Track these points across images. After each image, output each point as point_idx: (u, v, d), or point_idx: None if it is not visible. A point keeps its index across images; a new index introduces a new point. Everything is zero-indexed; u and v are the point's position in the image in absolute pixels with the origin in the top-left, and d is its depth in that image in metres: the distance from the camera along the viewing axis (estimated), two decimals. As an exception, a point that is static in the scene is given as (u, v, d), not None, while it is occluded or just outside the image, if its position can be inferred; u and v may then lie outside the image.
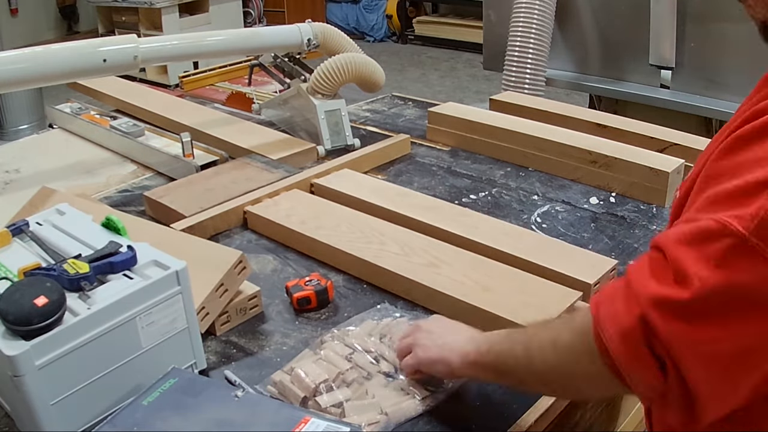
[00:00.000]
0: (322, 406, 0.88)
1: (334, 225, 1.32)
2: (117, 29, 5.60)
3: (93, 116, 1.98)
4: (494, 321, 1.04)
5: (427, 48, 6.97)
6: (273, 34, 1.80)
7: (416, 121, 2.03)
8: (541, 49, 2.60)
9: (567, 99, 2.76)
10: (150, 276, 0.87)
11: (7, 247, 0.97)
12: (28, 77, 1.45)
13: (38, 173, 1.73)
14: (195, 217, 1.36)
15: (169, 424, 0.77)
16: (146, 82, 4.66)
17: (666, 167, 1.46)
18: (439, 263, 1.18)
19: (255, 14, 6.63)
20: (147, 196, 1.47)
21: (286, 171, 1.56)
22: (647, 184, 1.48)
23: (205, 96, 3.01)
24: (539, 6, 2.57)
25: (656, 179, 1.46)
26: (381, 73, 1.82)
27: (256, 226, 1.40)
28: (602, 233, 1.37)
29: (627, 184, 1.51)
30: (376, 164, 1.69)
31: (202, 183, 1.52)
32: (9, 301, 0.76)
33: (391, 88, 2.62)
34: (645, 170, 1.48)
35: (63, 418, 0.81)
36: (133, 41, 1.54)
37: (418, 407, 0.90)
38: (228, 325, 1.09)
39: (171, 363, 0.88)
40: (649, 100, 2.49)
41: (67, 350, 0.79)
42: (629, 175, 1.50)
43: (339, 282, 1.21)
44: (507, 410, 0.92)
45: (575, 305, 1.07)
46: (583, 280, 1.12)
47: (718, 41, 2.28)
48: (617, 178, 1.53)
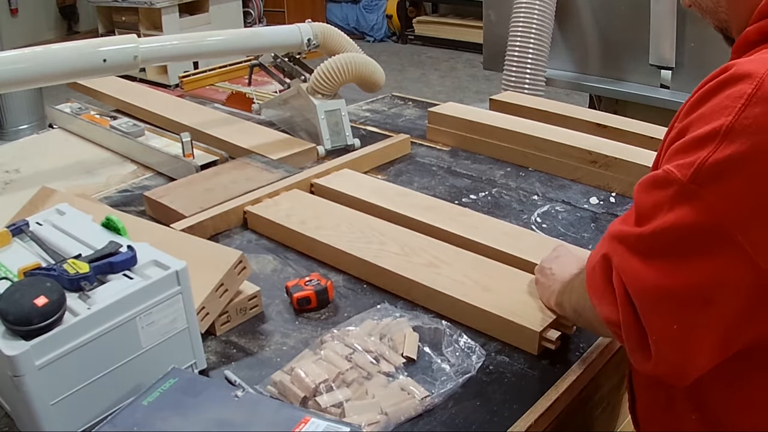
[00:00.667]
0: (322, 406, 0.88)
1: (334, 225, 1.32)
2: (117, 29, 5.60)
3: (93, 116, 1.98)
4: (494, 321, 1.04)
5: (427, 48, 6.97)
6: (273, 34, 1.80)
7: (416, 121, 2.03)
8: (541, 49, 2.60)
9: (567, 99, 2.77)
10: (150, 276, 0.87)
11: (7, 247, 0.97)
12: (28, 77, 1.45)
13: (38, 173, 1.73)
14: (195, 217, 1.36)
15: (169, 424, 0.77)
16: (146, 82, 4.67)
17: (666, 167, 1.46)
18: (439, 263, 1.18)
19: (255, 14, 6.63)
20: (147, 196, 1.48)
21: (286, 171, 1.56)
22: (647, 184, 1.48)
23: (205, 96, 3.01)
24: (539, 6, 2.57)
25: (656, 179, 1.46)
26: (381, 73, 1.82)
27: (256, 226, 1.40)
28: (602, 233, 1.36)
29: (627, 184, 1.51)
30: (376, 164, 1.70)
31: (202, 183, 1.52)
32: (9, 301, 0.76)
33: (391, 88, 2.62)
34: (645, 170, 1.44)
35: (63, 418, 0.81)
36: (133, 41, 1.54)
37: (418, 407, 0.90)
38: (228, 325, 1.09)
39: (171, 363, 0.88)
40: (649, 100, 2.49)
41: (67, 350, 0.79)
42: (629, 175, 1.50)
43: (339, 282, 1.21)
44: (507, 410, 0.92)
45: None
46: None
47: (718, 41, 2.26)
48: (617, 178, 1.53)
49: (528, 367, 1.00)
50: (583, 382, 1.01)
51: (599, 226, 1.40)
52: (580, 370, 0.99)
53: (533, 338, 1.01)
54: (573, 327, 1.04)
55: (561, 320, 1.03)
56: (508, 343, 1.04)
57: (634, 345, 0.71)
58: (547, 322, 1.02)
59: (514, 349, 1.03)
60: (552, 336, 1.00)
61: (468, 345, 1.01)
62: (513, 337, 1.03)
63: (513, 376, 0.98)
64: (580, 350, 1.03)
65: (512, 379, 0.97)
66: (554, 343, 1.00)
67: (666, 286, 0.67)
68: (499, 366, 1.00)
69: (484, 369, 0.99)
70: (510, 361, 1.01)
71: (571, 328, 1.04)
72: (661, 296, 0.68)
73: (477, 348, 1.01)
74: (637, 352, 0.71)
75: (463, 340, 1.02)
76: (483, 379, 0.97)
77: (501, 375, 0.98)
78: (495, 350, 1.03)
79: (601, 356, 1.04)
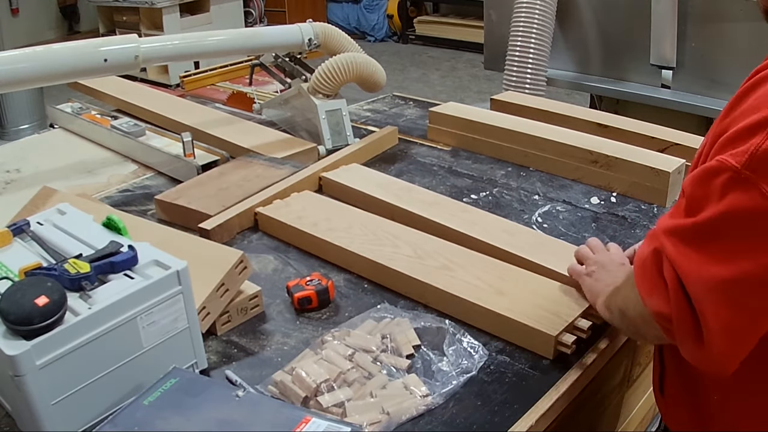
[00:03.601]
0: (324, 405, 0.88)
1: (346, 227, 1.31)
2: (118, 29, 5.60)
3: (94, 116, 1.98)
4: (507, 324, 1.04)
5: (428, 48, 6.97)
6: (274, 34, 1.80)
7: (417, 121, 2.03)
8: (542, 49, 2.60)
9: (568, 99, 2.76)
10: (151, 276, 0.87)
11: (8, 247, 0.97)
12: (29, 77, 1.45)
13: (39, 173, 1.73)
14: (219, 217, 1.36)
15: (169, 424, 0.77)
16: (147, 81, 4.66)
17: (667, 167, 1.46)
18: (453, 266, 1.17)
19: (256, 14, 6.64)
20: (159, 199, 1.45)
21: (294, 167, 1.56)
22: (648, 184, 1.48)
23: (206, 96, 3.01)
24: (540, 6, 2.57)
25: (657, 179, 1.46)
26: (382, 73, 1.82)
27: (266, 228, 1.39)
28: (603, 233, 1.37)
29: (628, 184, 1.51)
30: (369, 157, 1.72)
31: (212, 183, 1.51)
32: (10, 301, 0.76)
33: (392, 88, 2.62)
34: (646, 170, 1.48)
35: (64, 417, 0.81)
36: (134, 41, 1.54)
37: (419, 407, 0.90)
38: (229, 325, 1.09)
39: (172, 363, 0.88)
40: (650, 100, 2.49)
41: (68, 350, 0.79)
42: (630, 175, 1.50)
43: (340, 282, 1.21)
44: (507, 410, 0.92)
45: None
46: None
47: (719, 41, 2.28)
48: (618, 178, 1.53)
49: (529, 367, 1.00)
50: (584, 383, 1.01)
51: (600, 225, 1.40)
52: (581, 371, 0.99)
53: (549, 343, 1.00)
54: (589, 331, 1.03)
55: (576, 324, 1.03)
56: (522, 346, 1.03)
57: (687, 335, 0.72)
58: (563, 326, 1.01)
59: (515, 349, 1.03)
60: (567, 340, 1.00)
61: (471, 344, 1.01)
62: (528, 341, 1.03)
63: (514, 376, 0.98)
64: (580, 351, 1.03)
65: (513, 379, 0.97)
66: (569, 347, 1.00)
67: (722, 274, 0.68)
68: (500, 366, 1.00)
69: (485, 369, 0.99)
70: (511, 361, 1.01)
71: (587, 332, 1.03)
72: (717, 283, 0.68)
73: (479, 348, 1.01)
74: (690, 343, 0.72)
75: (466, 339, 1.02)
76: (484, 378, 0.97)
77: (502, 375, 0.98)
78: (496, 350, 1.03)
79: (602, 357, 1.04)
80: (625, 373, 1.26)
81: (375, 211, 1.39)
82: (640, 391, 1.40)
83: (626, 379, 1.27)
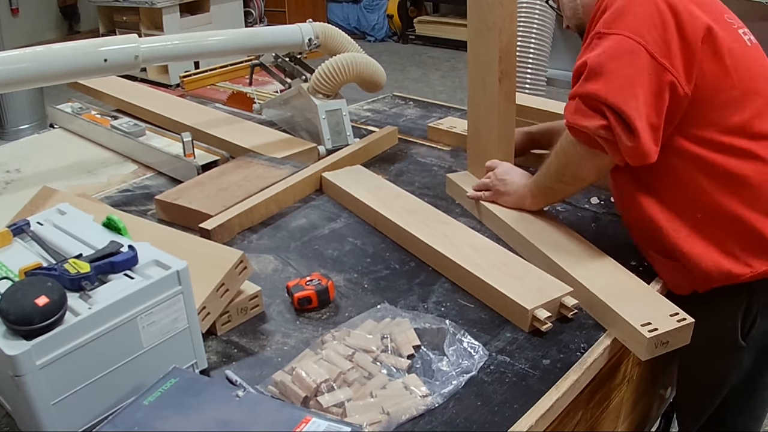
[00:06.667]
0: (324, 405, 0.88)
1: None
2: (118, 29, 5.60)
3: (94, 116, 1.98)
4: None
5: (428, 48, 6.97)
6: (274, 34, 1.80)
7: (417, 121, 2.03)
8: (542, 49, 2.61)
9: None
10: (151, 276, 0.87)
11: (8, 247, 0.97)
12: (29, 77, 1.45)
13: (39, 173, 1.73)
14: (219, 217, 1.36)
15: (169, 424, 0.77)
16: (147, 81, 4.66)
17: (667, 167, 1.46)
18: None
19: (256, 14, 6.63)
20: (159, 199, 1.45)
21: (294, 167, 1.56)
22: (648, 183, 1.48)
23: (206, 96, 3.01)
24: (540, 6, 2.57)
25: (657, 179, 1.46)
26: (382, 73, 1.82)
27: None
28: (603, 233, 1.37)
29: (628, 183, 1.51)
30: (368, 156, 1.73)
31: (213, 183, 1.52)
32: (10, 301, 0.76)
33: (392, 88, 2.62)
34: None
35: (64, 417, 0.81)
36: (134, 41, 1.54)
37: (419, 407, 0.90)
38: (229, 325, 1.09)
39: (172, 363, 0.88)
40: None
41: (68, 350, 0.79)
42: (630, 174, 1.50)
43: (340, 282, 1.21)
44: (507, 410, 0.92)
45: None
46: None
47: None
48: (618, 177, 1.53)
49: (529, 367, 1.00)
50: (584, 383, 1.01)
51: (600, 225, 1.40)
52: (581, 371, 0.99)
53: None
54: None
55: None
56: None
57: (622, 130, 1.04)
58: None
59: (515, 349, 1.03)
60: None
61: (471, 344, 1.01)
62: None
63: (514, 376, 0.98)
64: (581, 350, 1.03)
65: (513, 379, 0.97)
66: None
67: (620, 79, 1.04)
68: (500, 366, 1.00)
69: (485, 369, 0.99)
70: (511, 360, 1.01)
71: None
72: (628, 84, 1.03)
73: (479, 348, 1.01)
74: (625, 139, 1.04)
75: (466, 339, 1.02)
76: (484, 378, 0.97)
77: (502, 375, 0.98)
78: (496, 350, 1.03)
79: (602, 357, 1.04)
80: (625, 373, 1.26)
81: (363, 215, 1.44)
82: (639, 391, 1.40)
83: (626, 379, 1.28)
